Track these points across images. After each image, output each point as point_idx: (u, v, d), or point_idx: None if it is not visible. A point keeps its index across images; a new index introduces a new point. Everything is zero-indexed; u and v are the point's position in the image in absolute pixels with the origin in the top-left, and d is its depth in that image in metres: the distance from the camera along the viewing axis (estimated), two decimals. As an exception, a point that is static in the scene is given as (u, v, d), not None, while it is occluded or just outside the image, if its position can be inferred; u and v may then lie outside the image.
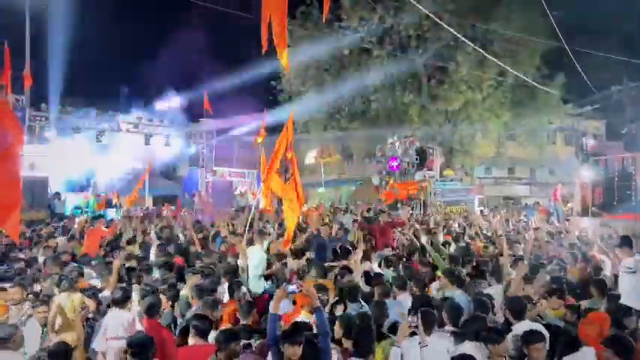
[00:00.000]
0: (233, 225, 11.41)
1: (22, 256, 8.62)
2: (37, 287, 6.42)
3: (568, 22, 17.24)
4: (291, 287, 4.62)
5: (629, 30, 19.56)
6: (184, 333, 4.90)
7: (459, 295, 5.50)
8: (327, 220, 12.72)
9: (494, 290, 6.03)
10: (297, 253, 8.07)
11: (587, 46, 16.66)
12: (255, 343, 4.43)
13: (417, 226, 11.04)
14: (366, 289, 6.24)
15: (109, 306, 5.57)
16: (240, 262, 7.18)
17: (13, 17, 17.50)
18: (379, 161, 24.79)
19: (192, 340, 4.54)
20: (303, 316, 4.83)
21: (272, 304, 4.29)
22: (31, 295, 5.87)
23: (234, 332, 4.23)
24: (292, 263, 7.63)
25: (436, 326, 4.44)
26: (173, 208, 18.64)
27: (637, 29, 20.32)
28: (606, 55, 16.06)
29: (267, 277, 7.33)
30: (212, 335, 4.57)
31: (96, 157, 21.96)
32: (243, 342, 4.19)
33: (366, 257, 7.66)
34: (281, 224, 12.08)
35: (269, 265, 7.56)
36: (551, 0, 14.08)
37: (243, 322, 5.16)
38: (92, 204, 19.87)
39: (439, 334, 4.40)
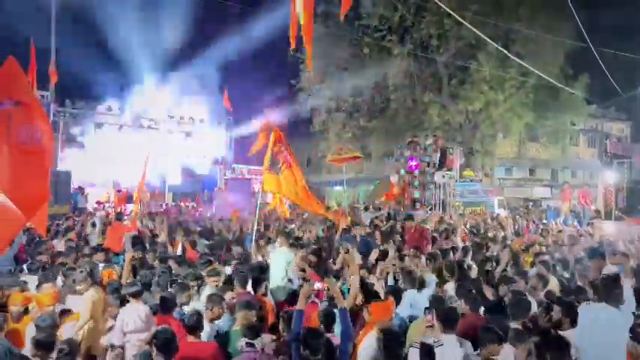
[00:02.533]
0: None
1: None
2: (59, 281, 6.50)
3: (593, 21, 16.96)
4: (317, 285, 4.67)
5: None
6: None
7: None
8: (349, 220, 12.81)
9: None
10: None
11: (612, 46, 16.34)
12: (260, 343, 4.41)
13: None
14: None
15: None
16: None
17: (40, 14, 17.90)
18: (398, 160, 24.68)
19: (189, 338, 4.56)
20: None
21: (299, 300, 4.39)
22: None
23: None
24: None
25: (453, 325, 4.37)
26: (193, 204, 18.83)
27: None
28: (632, 55, 15.72)
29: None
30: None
31: (117, 153, 22.28)
32: (245, 340, 4.21)
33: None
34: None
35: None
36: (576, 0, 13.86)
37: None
38: (113, 199, 20.20)
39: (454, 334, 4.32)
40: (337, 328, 4.46)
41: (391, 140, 24.65)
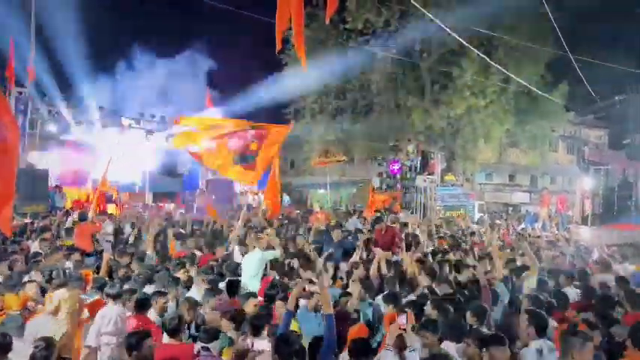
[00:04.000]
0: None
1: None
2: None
3: (572, 31, 17.25)
4: (314, 287, 4.71)
5: (632, 40, 19.54)
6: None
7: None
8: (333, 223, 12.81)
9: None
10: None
11: (590, 55, 16.65)
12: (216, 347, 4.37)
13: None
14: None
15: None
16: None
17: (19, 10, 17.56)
18: (380, 164, 24.84)
19: (166, 340, 4.53)
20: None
21: (289, 301, 4.53)
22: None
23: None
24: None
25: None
26: (172, 205, 18.65)
27: (641, 39, 20.30)
28: (610, 64, 16.04)
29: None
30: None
31: (97, 151, 21.97)
32: (201, 344, 4.18)
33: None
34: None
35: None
36: (556, 9, 14.08)
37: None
38: (92, 198, 19.87)
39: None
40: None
41: (374, 144, 24.75)
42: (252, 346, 4.27)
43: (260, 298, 5.76)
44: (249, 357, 4.10)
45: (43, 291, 5.77)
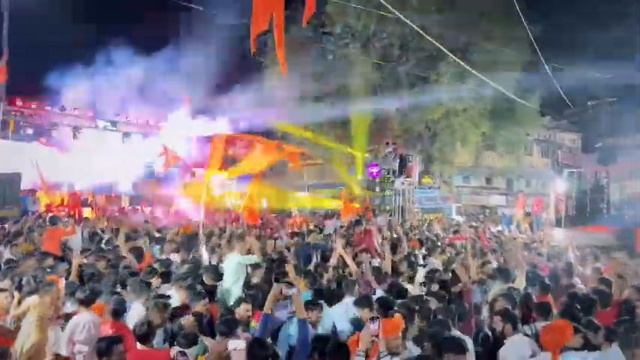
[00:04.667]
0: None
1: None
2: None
3: (546, 37, 17.66)
4: (294, 289, 4.64)
5: (603, 47, 20.12)
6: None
7: None
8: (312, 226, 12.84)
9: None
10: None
11: (563, 61, 17.07)
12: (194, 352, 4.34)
13: None
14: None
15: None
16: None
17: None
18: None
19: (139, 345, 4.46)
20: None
21: (266, 304, 4.47)
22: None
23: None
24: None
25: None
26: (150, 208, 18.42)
27: (611, 47, 20.89)
28: (582, 70, 16.47)
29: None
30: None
31: (72, 154, 21.58)
32: (178, 349, 4.15)
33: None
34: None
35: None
36: (530, 16, 14.41)
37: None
38: (66, 202, 19.46)
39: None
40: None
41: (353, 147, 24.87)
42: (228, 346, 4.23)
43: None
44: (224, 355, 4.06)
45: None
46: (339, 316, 5.55)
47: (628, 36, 18.99)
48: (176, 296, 5.96)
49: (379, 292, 6.05)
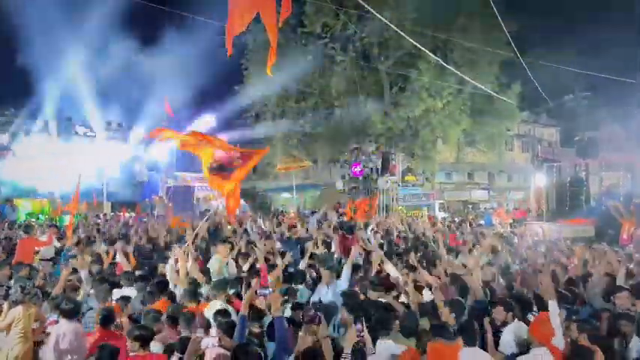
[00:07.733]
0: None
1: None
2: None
3: (522, 34, 17.88)
4: (266, 291, 4.66)
5: (580, 42, 20.48)
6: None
7: None
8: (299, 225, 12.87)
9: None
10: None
11: (540, 57, 17.30)
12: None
13: None
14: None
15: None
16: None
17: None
18: (343, 166, 25.00)
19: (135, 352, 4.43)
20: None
21: (243, 305, 4.43)
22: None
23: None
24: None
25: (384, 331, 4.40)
26: (132, 214, 18.21)
27: (587, 41, 21.31)
28: (557, 65, 16.70)
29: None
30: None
31: (50, 161, 21.19)
32: (178, 355, 4.15)
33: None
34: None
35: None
36: (506, 12, 14.58)
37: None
38: (47, 210, 19.13)
39: (386, 340, 4.35)
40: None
41: (336, 147, 24.91)
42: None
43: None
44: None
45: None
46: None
47: (605, 31, 19.36)
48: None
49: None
